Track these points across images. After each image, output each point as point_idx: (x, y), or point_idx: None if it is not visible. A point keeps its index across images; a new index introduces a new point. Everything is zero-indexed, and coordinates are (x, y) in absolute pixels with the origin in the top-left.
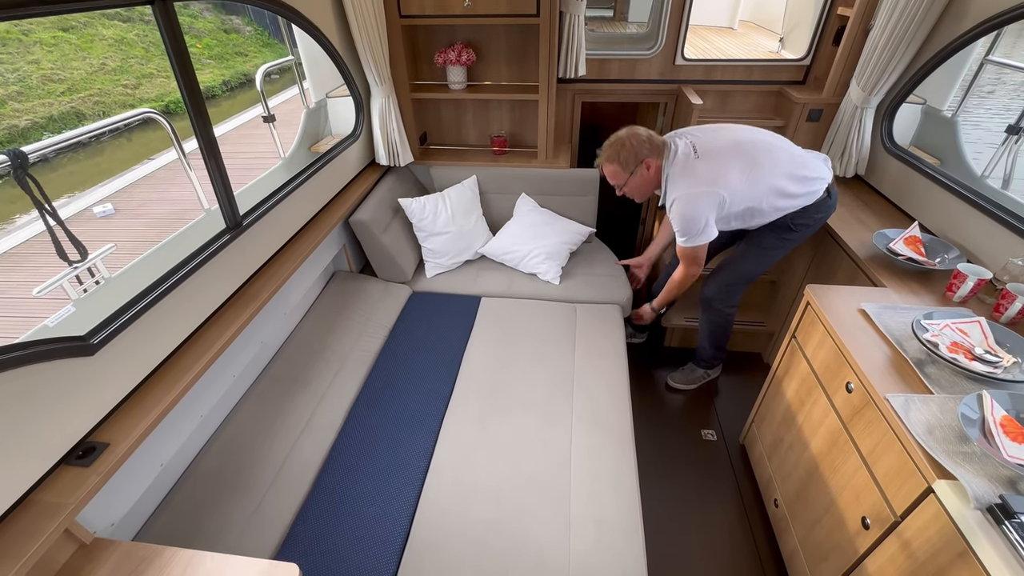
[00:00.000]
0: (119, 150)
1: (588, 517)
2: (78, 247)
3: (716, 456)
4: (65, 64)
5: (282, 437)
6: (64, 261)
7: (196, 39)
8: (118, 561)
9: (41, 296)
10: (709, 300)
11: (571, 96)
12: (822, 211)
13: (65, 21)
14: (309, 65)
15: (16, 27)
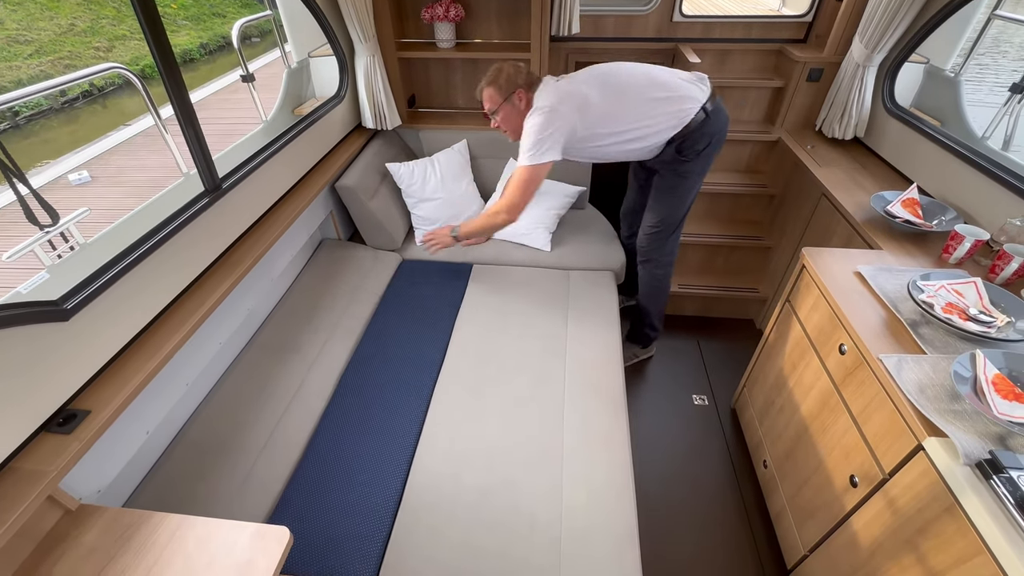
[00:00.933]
0: (94, 116)
1: (580, 479)
2: (49, 211)
3: (707, 420)
4: (31, 25)
5: (272, 404)
6: (35, 226)
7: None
8: (105, 527)
9: (12, 263)
10: (644, 253)
11: (564, 56)
12: (705, 132)
13: None
14: (289, 22)
15: None
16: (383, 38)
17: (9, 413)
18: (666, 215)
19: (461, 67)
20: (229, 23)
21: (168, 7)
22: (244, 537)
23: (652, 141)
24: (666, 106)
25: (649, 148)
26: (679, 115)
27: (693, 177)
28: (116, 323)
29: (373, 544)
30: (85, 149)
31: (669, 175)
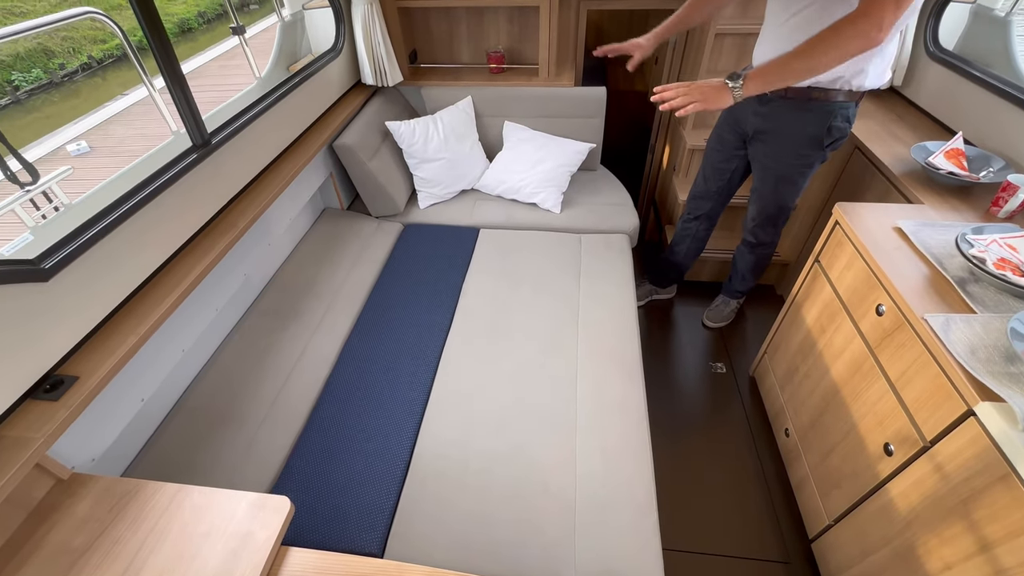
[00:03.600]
0: (95, 90)
1: (594, 446)
2: (29, 169)
3: (725, 388)
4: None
5: (274, 372)
6: (15, 184)
7: None
8: (99, 496)
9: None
10: (756, 238)
11: (575, 5)
12: (844, 128)
13: None
14: None
15: None
16: None
17: None
18: (785, 204)
19: (465, 17)
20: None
21: None
22: (243, 506)
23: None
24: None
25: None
26: (857, 75)
27: (810, 172)
28: (102, 285)
29: (380, 513)
30: (83, 120)
31: (794, 164)
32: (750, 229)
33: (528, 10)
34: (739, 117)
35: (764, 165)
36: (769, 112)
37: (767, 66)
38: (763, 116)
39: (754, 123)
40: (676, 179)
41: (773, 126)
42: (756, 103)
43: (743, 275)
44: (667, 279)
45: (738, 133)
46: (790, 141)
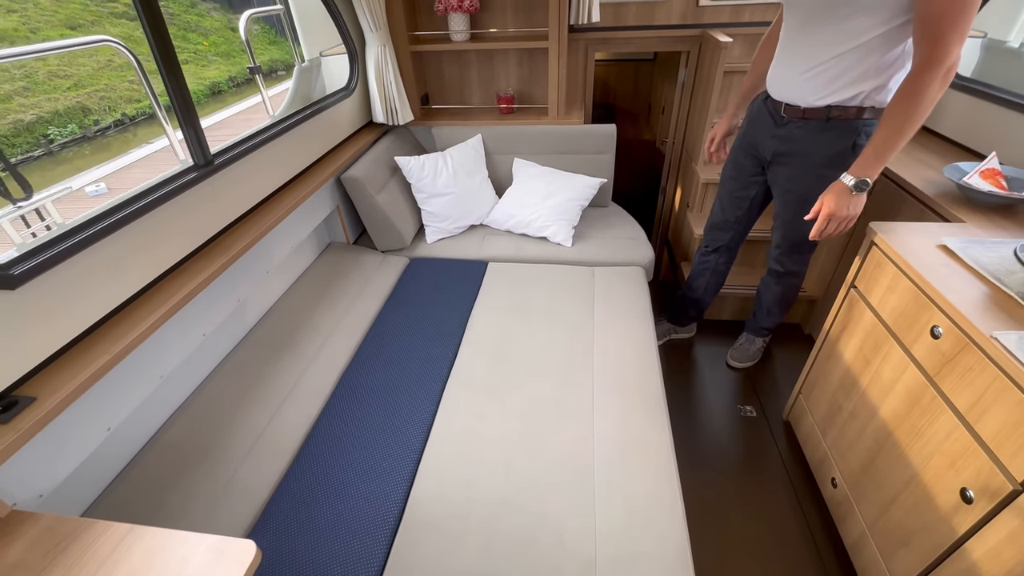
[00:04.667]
0: (125, 144)
1: (616, 492)
2: (23, 185)
3: (757, 434)
4: (72, 60)
5: (261, 404)
6: (7, 199)
7: (203, 37)
8: (37, 537)
9: None
10: (784, 266)
11: (584, 47)
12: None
13: (73, 20)
14: (301, 20)
15: (24, 25)
16: (395, 29)
17: None
18: (809, 229)
19: (476, 62)
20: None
21: (200, 44)
22: (200, 552)
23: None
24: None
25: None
26: (879, 90)
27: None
28: (77, 301)
29: (368, 566)
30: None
31: (814, 182)
32: (775, 257)
33: (537, 53)
34: (755, 141)
35: (785, 189)
36: (787, 134)
37: (874, 150)
38: (781, 138)
39: (772, 146)
40: (690, 214)
41: (793, 148)
42: (772, 125)
43: (769, 309)
44: (686, 317)
45: (755, 158)
46: (811, 162)
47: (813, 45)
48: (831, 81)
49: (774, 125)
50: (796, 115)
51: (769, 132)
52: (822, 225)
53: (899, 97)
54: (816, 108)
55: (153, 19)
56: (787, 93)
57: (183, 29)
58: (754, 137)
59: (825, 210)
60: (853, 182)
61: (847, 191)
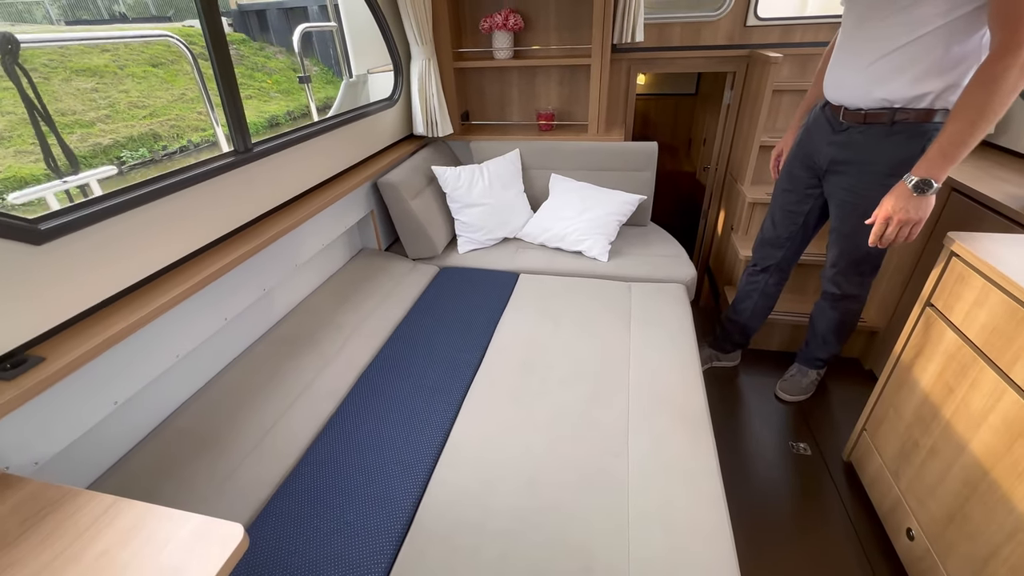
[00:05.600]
0: None
1: (654, 517)
2: (71, 159)
3: (814, 475)
4: (150, 93)
5: (276, 399)
6: (54, 173)
7: (267, 76)
8: (18, 503)
9: (18, 206)
10: (842, 289)
11: (626, 67)
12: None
13: (156, 59)
14: (353, 40)
15: (114, 62)
16: (440, 44)
17: None
18: (870, 247)
19: (517, 80)
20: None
21: (264, 83)
22: (183, 532)
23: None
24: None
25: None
26: (951, 89)
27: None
28: (102, 267)
29: (369, 572)
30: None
31: (880, 190)
32: (830, 278)
33: (579, 72)
34: (811, 150)
35: (843, 200)
36: (846, 140)
37: (940, 147)
38: (840, 145)
39: (829, 153)
40: (735, 236)
41: (852, 155)
42: (830, 131)
43: (823, 338)
44: (730, 342)
45: (811, 168)
46: (873, 170)
47: (874, 39)
48: (893, 75)
49: (832, 132)
50: (856, 120)
51: (826, 139)
52: (880, 229)
53: (972, 87)
54: (878, 111)
55: (211, 14)
56: (846, 94)
57: (251, 69)
58: (810, 146)
59: (882, 212)
60: (914, 182)
61: (908, 192)
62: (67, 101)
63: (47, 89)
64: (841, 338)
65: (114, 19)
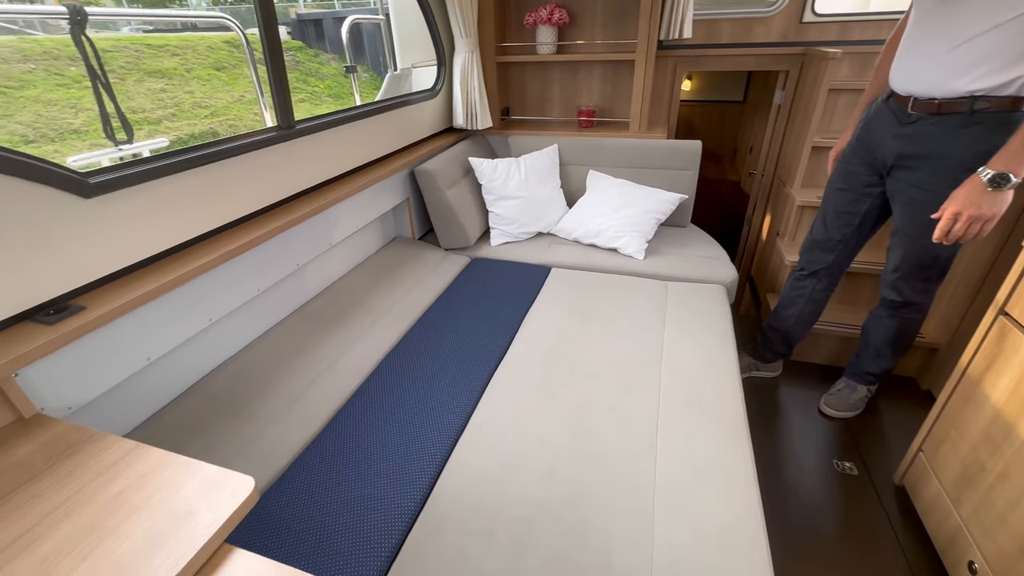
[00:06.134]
0: None
1: (683, 518)
2: (127, 129)
3: (860, 497)
4: (212, 95)
5: (301, 372)
6: (110, 141)
7: (319, 81)
8: (47, 441)
9: None
10: (903, 296)
11: (672, 64)
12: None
13: (219, 63)
14: (400, 36)
15: (182, 65)
16: (484, 38)
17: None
18: (938, 250)
19: (559, 76)
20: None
21: (317, 87)
22: (196, 480)
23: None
24: None
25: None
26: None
27: None
28: (142, 227)
29: (378, 548)
30: None
31: (955, 186)
32: (890, 283)
33: (623, 69)
34: (872, 145)
35: (911, 198)
36: (916, 132)
37: (1022, 140)
38: (907, 138)
39: (896, 147)
40: (781, 242)
41: (923, 148)
42: (895, 124)
43: (877, 350)
44: (771, 351)
45: (871, 164)
46: (947, 164)
47: (957, 20)
48: (979, 62)
49: (897, 124)
50: (929, 110)
51: (891, 132)
52: (947, 225)
53: None
54: (956, 99)
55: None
56: (919, 84)
57: (305, 74)
58: (871, 141)
59: (952, 206)
60: (990, 175)
61: (982, 186)
62: (138, 100)
63: (122, 88)
64: (897, 351)
65: (186, 28)
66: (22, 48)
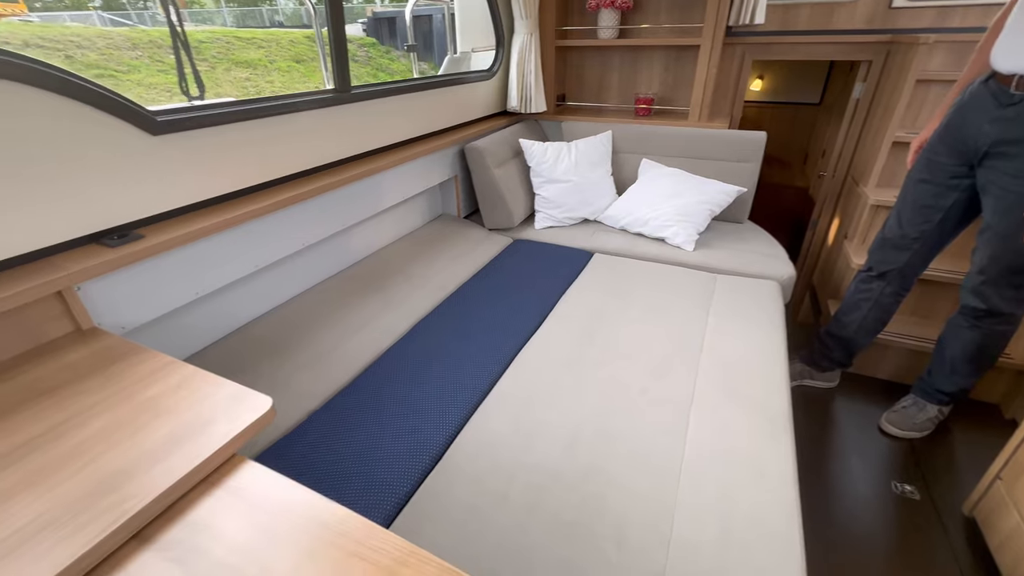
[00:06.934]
0: None
1: (707, 505)
2: (199, 85)
3: (921, 525)
4: (290, 85)
5: (338, 327)
6: (184, 95)
7: (389, 77)
8: (97, 349)
9: None
10: (992, 304)
11: (740, 52)
12: None
13: (299, 56)
14: (462, 17)
15: (266, 57)
16: (544, 20)
17: (68, 206)
18: None
19: (619, 63)
20: None
21: (381, 76)
22: (222, 393)
23: None
24: None
25: None
26: None
27: None
28: (202, 171)
29: (391, 494)
30: None
31: None
32: (974, 288)
33: (686, 56)
34: (964, 132)
35: (1006, 190)
36: (1019, 114)
37: None
38: (1007, 122)
39: (992, 133)
40: (849, 245)
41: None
42: (994, 106)
43: (953, 365)
44: (828, 359)
45: (961, 153)
46: None
47: None
48: None
49: (997, 106)
50: None
51: (988, 116)
52: None
53: None
54: None
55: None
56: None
57: (376, 68)
58: (963, 128)
59: None
60: None
61: None
62: (225, 87)
63: (212, 76)
64: (976, 368)
65: (273, 25)
66: (131, 37)
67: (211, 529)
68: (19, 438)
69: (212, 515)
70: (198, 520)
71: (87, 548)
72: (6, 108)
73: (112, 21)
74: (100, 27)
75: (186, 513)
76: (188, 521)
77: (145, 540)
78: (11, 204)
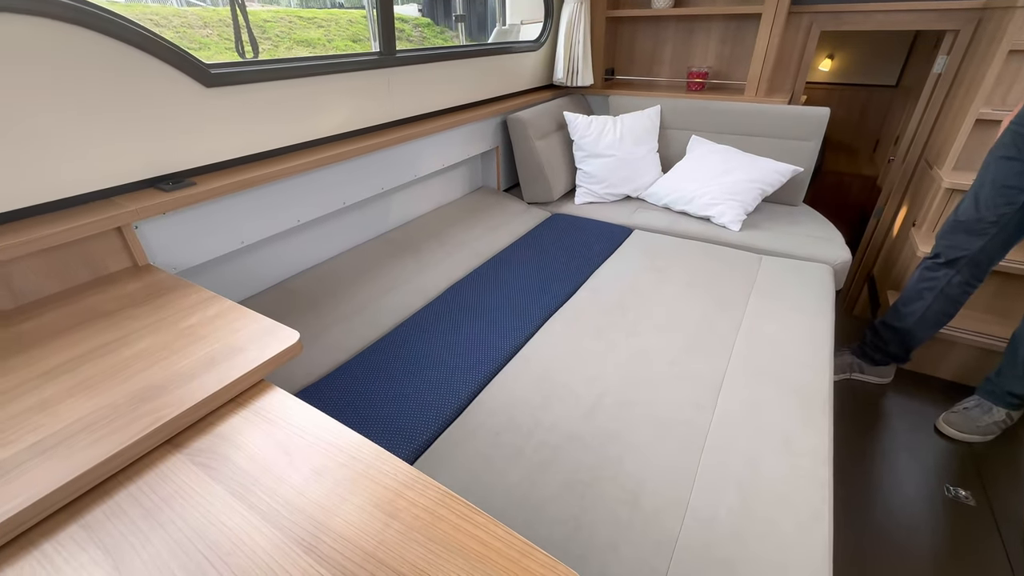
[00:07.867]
0: None
1: (730, 477)
2: (253, 45)
3: (976, 532)
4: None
5: (373, 287)
6: (238, 55)
7: None
8: (151, 282)
9: None
10: None
11: (807, 22)
12: None
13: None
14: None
15: (324, 36)
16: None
17: (131, 151)
18: None
19: (673, 35)
20: None
21: None
22: (255, 326)
23: None
24: None
25: None
26: None
27: None
28: (250, 125)
29: (410, 441)
30: None
31: None
32: None
33: (745, 28)
34: None
35: None
36: None
37: None
38: None
39: None
40: (917, 233)
41: None
42: None
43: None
44: (883, 352)
45: None
46: None
47: None
48: None
49: None
50: None
51: None
52: None
53: None
54: None
55: None
56: None
57: None
58: None
59: None
60: None
61: None
62: None
63: (274, 54)
64: None
65: (334, 5)
66: (203, 15)
67: (235, 441)
68: (76, 351)
69: (237, 431)
70: (224, 433)
71: (123, 446)
72: (95, 58)
73: (187, 1)
74: (176, 7)
75: (215, 426)
76: (216, 433)
77: (177, 445)
78: (86, 144)
